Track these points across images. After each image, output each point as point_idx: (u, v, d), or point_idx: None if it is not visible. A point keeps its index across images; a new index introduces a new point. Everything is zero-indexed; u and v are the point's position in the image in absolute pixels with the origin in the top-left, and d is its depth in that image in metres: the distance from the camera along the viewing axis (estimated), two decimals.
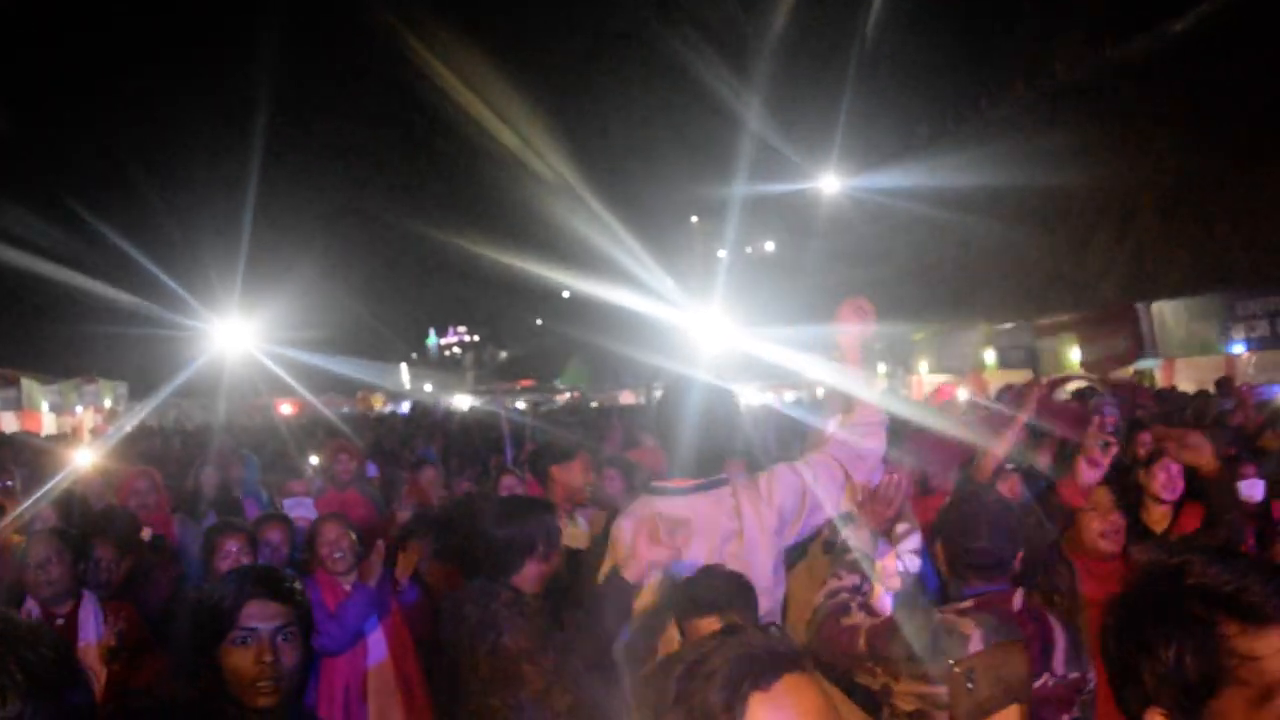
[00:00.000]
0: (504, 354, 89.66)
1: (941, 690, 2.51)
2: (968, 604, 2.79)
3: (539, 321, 70.32)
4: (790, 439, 9.95)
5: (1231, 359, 12.39)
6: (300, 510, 6.40)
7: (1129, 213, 24.21)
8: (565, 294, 53.82)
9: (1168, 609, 1.22)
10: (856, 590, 3.05)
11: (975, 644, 2.59)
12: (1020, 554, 2.90)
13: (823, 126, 32.51)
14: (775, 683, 1.32)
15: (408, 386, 48.95)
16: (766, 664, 1.33)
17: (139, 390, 25.89)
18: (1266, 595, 1.18)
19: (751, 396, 21.67)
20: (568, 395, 44.21)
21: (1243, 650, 1.16)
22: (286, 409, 28.19)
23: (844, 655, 2.83)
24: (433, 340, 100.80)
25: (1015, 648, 2.48)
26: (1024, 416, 5.76)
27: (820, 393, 21.38)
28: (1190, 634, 1.19)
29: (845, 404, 3.65)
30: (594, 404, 34.80)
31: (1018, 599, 2.76)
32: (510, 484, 6.69)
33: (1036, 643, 2.62)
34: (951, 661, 2.46)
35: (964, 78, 37.37)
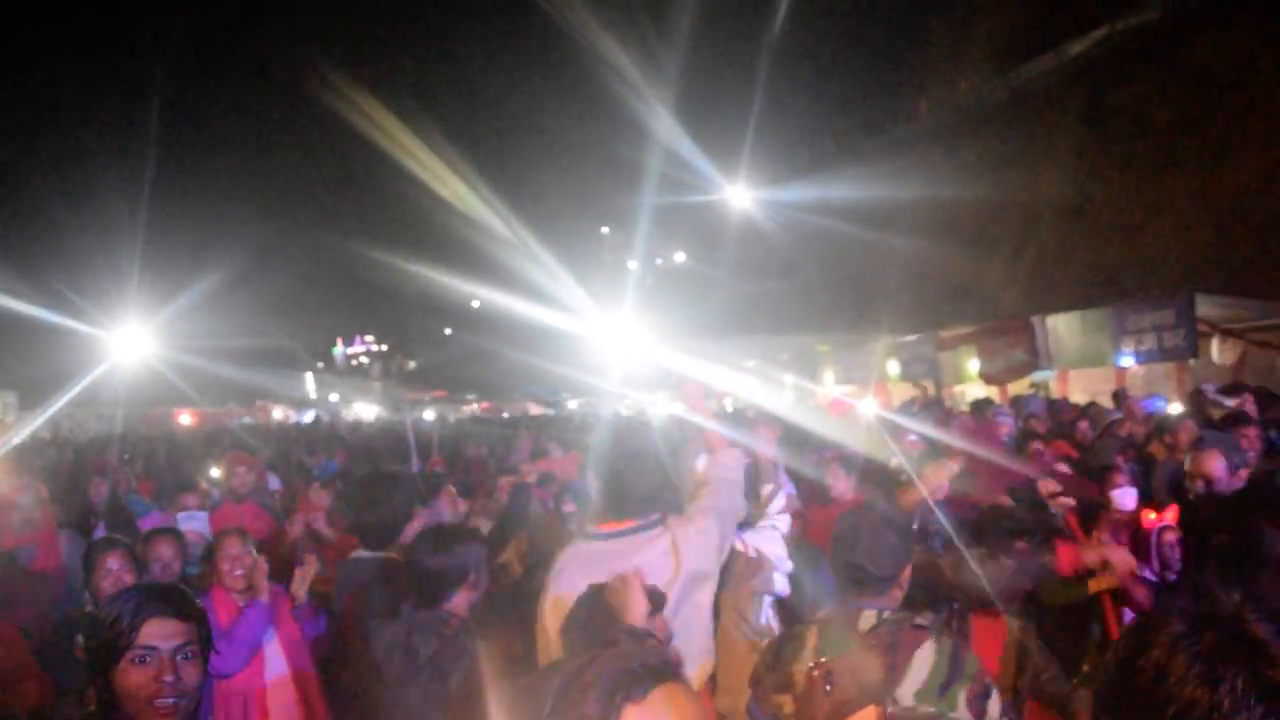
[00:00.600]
0: (413, 363, 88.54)
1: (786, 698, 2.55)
2: (820, 615, 2.85)
3: (448, 331, 69.67)
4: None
5: (1121, 371, 12.84)
6: (193, 524, 6.23)
7: (1027, 229, 24.93)
8: (475, 303, 53.48)
9: (1225, 651, 1.34)
10: None
11: (809, 655, 2.62)
12: (905, 571, 2.88)
13: (732, 138, 32.84)
14: (649, 694, 1.35)
15: (313, 396, 48.15)
16: (641, 675, 1.36)
17: (30, 400, 24.93)
18: None
19: (661, 406, 21.75)
20: (476, 406, 43.89)
21: None
22: (186, 419, 27.46)
23: (752, 692, 2.84)
24: (339, 349, 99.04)
25: (874, 652, 2.50)
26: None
27: (728, 404, 21.60)
28: (1242, 673, 1.31)
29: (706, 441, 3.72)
30: (505, 414, 34.63)
31: (867, 618, 2.72)
32: None
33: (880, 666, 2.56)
34: (811, 664, 2.49)
35: (871, 93, 38.16)
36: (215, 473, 9.21)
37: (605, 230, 51.67)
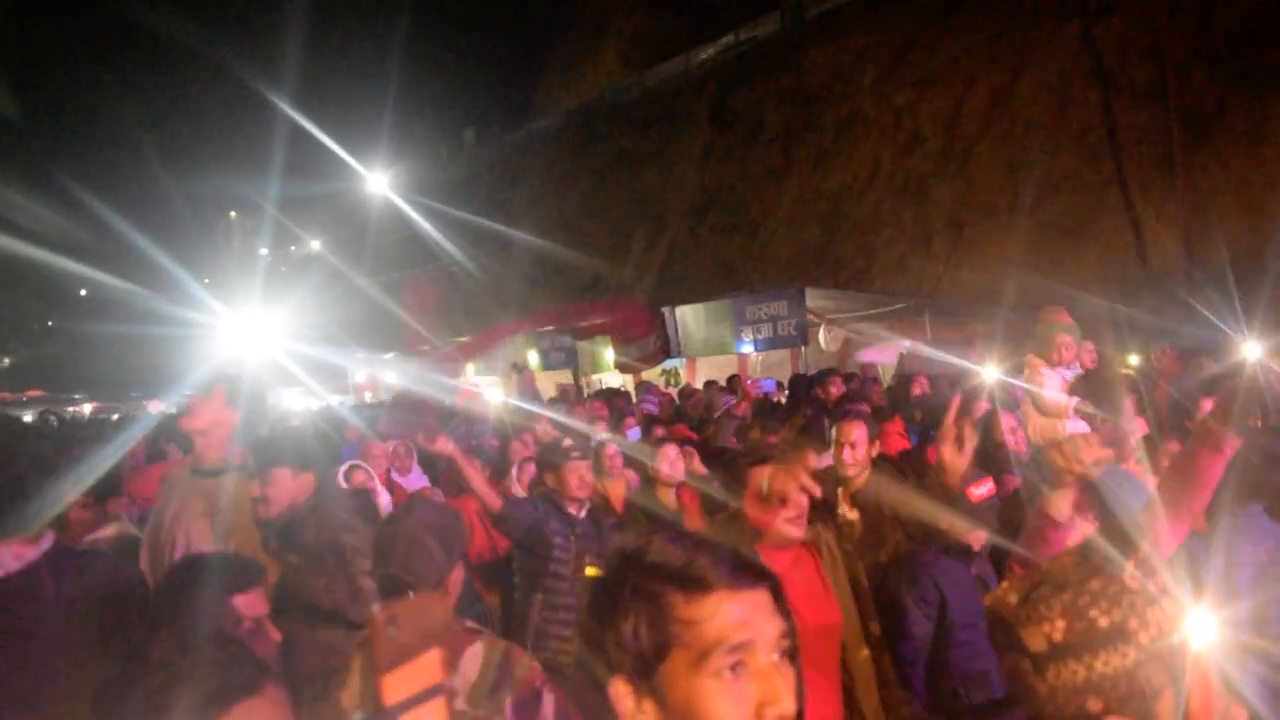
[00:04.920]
0: (6, 360, 78.92)
1: None
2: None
3: (50, 323, 62.75)
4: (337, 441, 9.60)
5: (743, 358, 13.68)
6: None
7: (659, 224, 26.05)
8: (83, 292, 48.76)
9: (626, 586, 1.34)
10: None
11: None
12: (452, 575, 2.82)
13: (371, 128, 31.98)
14: (228, 711, 1.41)
15: None
16: (223, 695, 1.42)
17: None
18: (708, 567, 1.32)
19: (297, 401, 20.66)
20: (87, 407, 39.73)
21: (685, 617, 1.29)
22: None
23: None
24: None
25: (437, 596, 2.54)
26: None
27: (369, 396, 20.92)
28: (643, 607, 1.31)
29: None
30: (116, 415, 31.43)
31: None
32: None
33: None
34: (376, 608, 2.48)
35: (509, 89, 38.47)
36: None
37: (234, 214, 48.74)
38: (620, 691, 1.33)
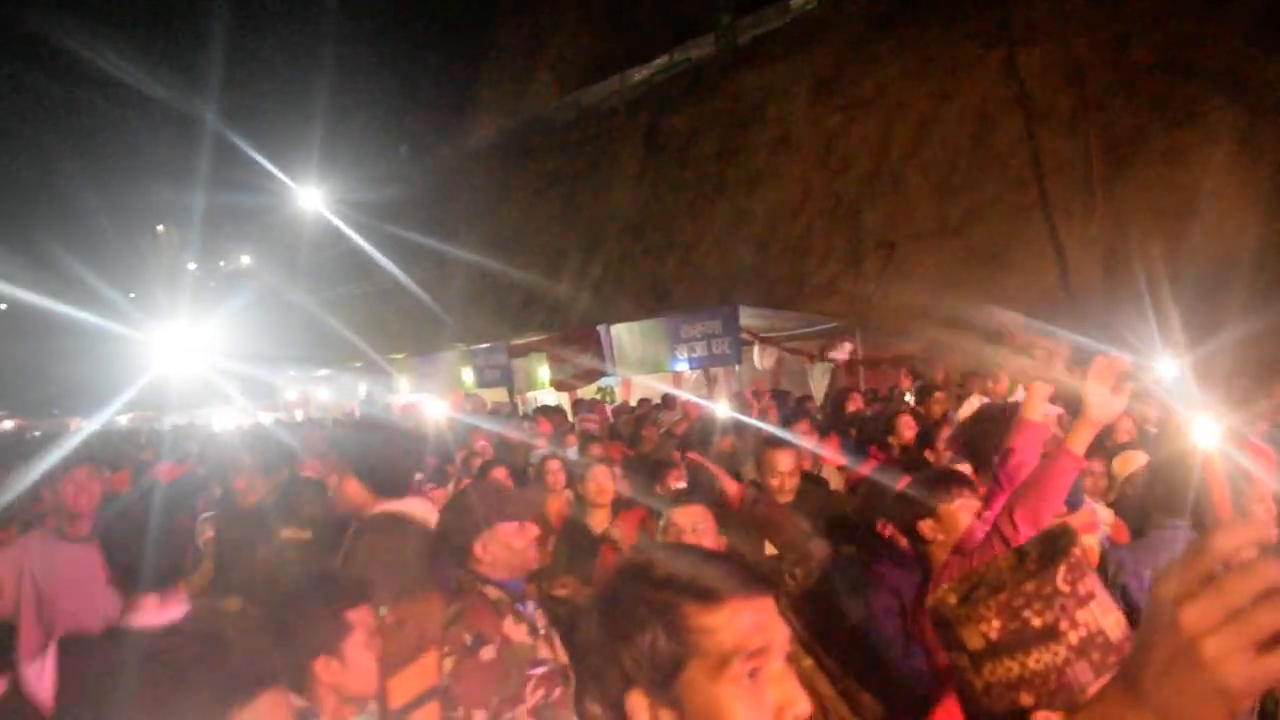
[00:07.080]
0: None
1: None
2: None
3: None
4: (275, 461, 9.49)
5: (678, 376, 13.80)
6: None
7: (594, 243, 26.12)
8: (2, 306, 47.45)
9: (640, 600, 1.38)
10: None
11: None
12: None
13: (302, 142, 31.65)
14: (251, 701, 1.41)
15: None
16: (245, 682, 1.43)
17: None
18: (719, 577, 1.37)
19: (227, 419, 20.34)
20: (8, 424, 38.54)
21: (702, 626, 1.33)
22: None
23: None
24: None
25: (433, 598, 2.69)
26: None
27: (299, 414, 20.66)
28: (660, 619, 1.35)
29: None
30: (38, 433, 30.58)
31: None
32: None
33: None
34: (383, 610, 2.61)
35: (443, 105, 38.32)
36: None
37: (161, 228, 47.81)
38: (637, 705, 1.35)
